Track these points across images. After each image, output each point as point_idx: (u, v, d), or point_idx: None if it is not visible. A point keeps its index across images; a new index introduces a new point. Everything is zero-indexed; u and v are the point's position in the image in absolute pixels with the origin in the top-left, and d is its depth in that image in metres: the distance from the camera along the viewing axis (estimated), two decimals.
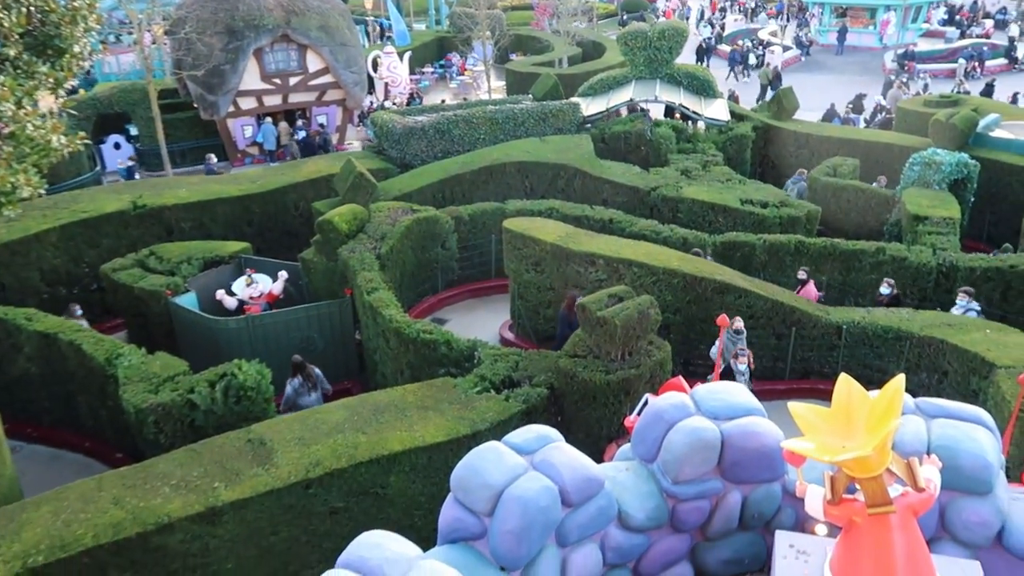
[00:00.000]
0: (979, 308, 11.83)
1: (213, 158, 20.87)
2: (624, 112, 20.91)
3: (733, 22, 48.12)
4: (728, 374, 10.00)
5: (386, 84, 28.29)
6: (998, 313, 12.11)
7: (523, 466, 4.02)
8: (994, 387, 9.34)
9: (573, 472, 4.06)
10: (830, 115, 24.71)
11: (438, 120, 18.37)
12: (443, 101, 24.33)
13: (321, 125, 23.42)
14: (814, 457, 3.33)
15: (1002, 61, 35.17)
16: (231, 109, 21.87)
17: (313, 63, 22.56)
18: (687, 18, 46.41)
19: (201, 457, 7.79)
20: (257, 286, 12.87)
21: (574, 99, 20.65)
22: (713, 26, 43.25)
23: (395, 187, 16.19)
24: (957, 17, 44.21)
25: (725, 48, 40.21)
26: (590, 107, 20.42)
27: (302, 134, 22.61)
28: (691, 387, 5.13)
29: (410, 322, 11.07)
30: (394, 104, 26.73)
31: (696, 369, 12.10)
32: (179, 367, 9.73)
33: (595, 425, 9.54)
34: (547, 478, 3.96)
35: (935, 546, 4.23)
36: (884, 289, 12.48)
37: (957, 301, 11.89)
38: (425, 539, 4.24)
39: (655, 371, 9.63)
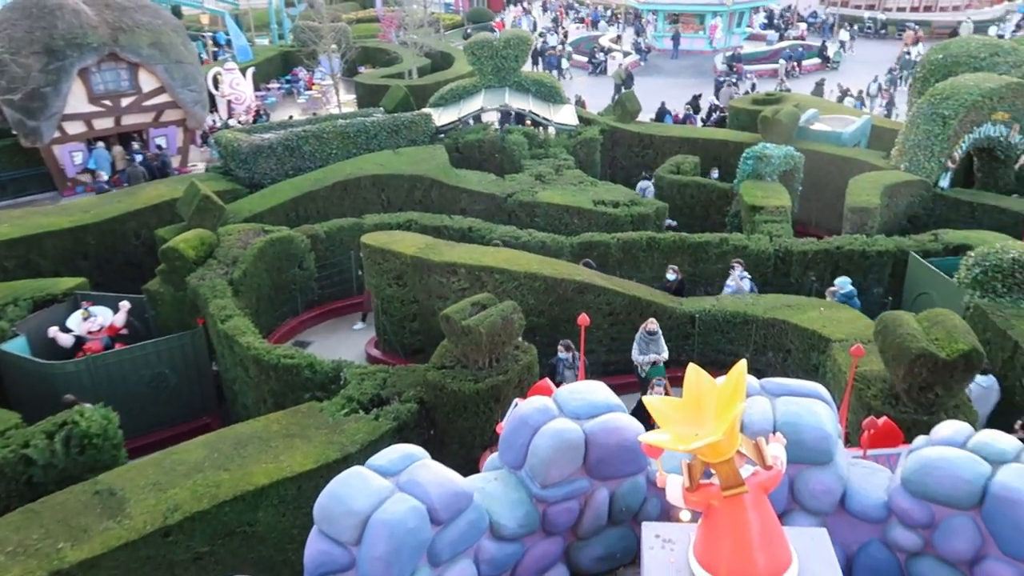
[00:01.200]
0: (751, 277, 12.82)
1: (104, 175, 19.61)
2: (489, 118, 21.14)
3: (575, 30, 49.71)
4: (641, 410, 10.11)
5: (229, 102, 27.11)
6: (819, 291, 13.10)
7: (389, 488, 3.92)
8: (831, 360, 10.11)
9: (440, 489, 3.99)
10: (661, 113, 26.07)
11: (287, 137, 17.81)
12: (291, 117, 23.59)
13: (159, 147, 22.10)
14: (670, 448, 3.44)
15: (816, 60, 38.38)
16: (56, 135, 20.21)
17: (147, 82, 21.25)
18: (519, 26, 47.42)
19: (41, 517, 7.12)
20: (96, 319, 11.94)
21: (426, 110, 20.61)
22: (558, 33, 44.49)
23: (245, 208, 15.52)
24: (776, 21, 47.79)
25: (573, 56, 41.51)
26: (442, 117, 20.45)
27: (139, 158, 21.25)
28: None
29: (270, 348, 10.64)
30: (239, 122, 25.66)
31: None
32: (9, 420, 8.86)
33: (468, 435, 9.53)
34: (414, 498, 3.88)
35: (787, 518, 4.49)
36: (670, 275, 13.17)
37: (732, 271, 12.79)
38: (300, 574, 4.05)
39: (523, 375, 9.73)
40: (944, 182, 16.63)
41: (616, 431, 4.35)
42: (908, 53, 35.30)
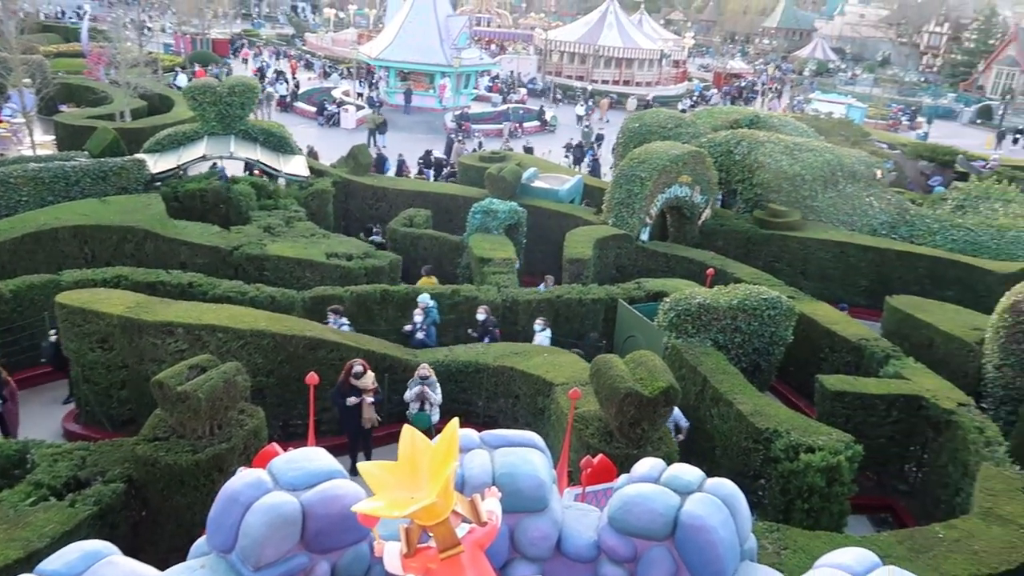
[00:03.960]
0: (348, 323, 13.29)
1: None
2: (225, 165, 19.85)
3: (307, 80, 49.22)
4: None
5: None
6: (554, 337, 14.02)
7: None
8: (554, 403, 10.75)
9: None
10: (380, 160, 26.75)
11: None
12: None
13: None
14: (385, 515, 3.36)
15: (536, 123, 41.69)
16: None
17: None
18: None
19: None
20: None
21: (139, 155, 18.96)
22: (288, 83, 43.68)
23: None
24: (500, 85, 51.29)
25: (302, 106, 40.94)
26: (159, 164, 18.94)
27: None
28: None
29: None
30: None
31: (296, 430, 11.82)
32: None
33: (187, 512, 8.67)
34: None
35: (510, 568, 4.61)
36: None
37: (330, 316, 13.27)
38: None
39: (249, 441, 9.12)
40: (644, 236, 18.71)
41: (336, 500, 4.16)
42: (588, 126, 39.07)
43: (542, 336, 13.61)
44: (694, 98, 55.51)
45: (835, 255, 19.37)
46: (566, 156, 32.97)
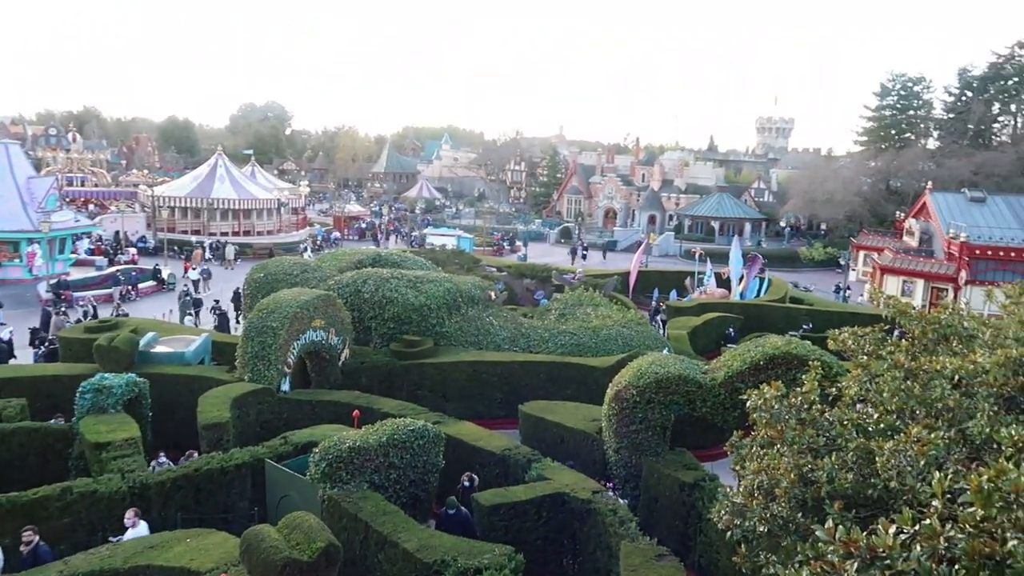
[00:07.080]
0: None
1: None
2: None
3: None
4: None
5: None
6: (195, 519, 12.55)
7: None
8: None
9: None
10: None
11: None
12: None
13: None
14: None
15: (152, 283, 38.67)
16: None
17: None
18: None
19: None
20: None
21: None
22: None
23: None
24: (104, 246, 46.99)
25: None
26: None
27: None
28: None
29: None
30: None
31: None
32: None
33: None
34: None
35: None
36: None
37: None
38: None
39: None
40: (285, 386, 18.05)
41: None
42: (186, 290, 35.10)
43: (135, 532, 11.59)
44: (318, 242, 56.64)
45: (469, 374, 20.70)
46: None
